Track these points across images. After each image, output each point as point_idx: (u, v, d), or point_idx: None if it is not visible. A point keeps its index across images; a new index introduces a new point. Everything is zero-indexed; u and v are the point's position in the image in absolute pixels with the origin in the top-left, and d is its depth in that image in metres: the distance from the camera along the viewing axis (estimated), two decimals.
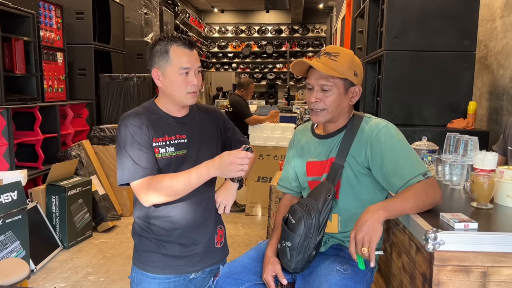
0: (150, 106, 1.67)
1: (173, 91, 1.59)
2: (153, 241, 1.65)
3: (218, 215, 1.77)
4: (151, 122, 1.59)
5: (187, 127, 1.67)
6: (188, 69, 1.58)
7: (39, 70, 4.21)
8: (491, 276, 1.29)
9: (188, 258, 1.66)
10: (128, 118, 1.58)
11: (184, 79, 1.58)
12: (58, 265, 3.50)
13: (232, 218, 4.85)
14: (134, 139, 1.54)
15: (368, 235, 1.37)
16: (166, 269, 1.65)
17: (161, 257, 1.64)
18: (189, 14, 11.13)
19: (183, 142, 1.64)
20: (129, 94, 5.30)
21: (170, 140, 1.61)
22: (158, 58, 1.58)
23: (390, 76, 3.19)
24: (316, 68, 1.58)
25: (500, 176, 1.59)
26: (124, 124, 1.57)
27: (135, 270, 1.69)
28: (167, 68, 1.58)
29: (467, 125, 3.03)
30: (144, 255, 1.66)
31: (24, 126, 4.17)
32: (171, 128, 1.63)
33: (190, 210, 1.63)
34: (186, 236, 1.65)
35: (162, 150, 1.59)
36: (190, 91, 1.59)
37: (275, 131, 5.01)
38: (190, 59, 1.58)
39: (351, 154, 1.60)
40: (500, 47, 3.37)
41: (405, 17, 3.13)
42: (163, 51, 1.57)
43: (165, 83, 1.59)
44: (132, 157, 1.54)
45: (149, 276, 1.65)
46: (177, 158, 1.62)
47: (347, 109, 1.66)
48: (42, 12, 4.38)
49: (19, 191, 3.09)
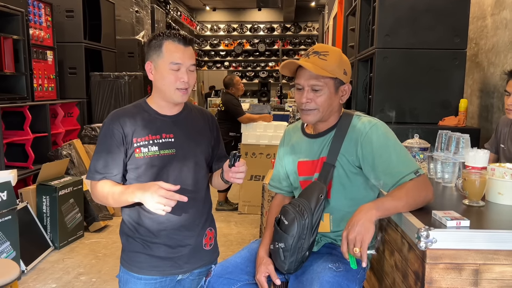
0: (141, 104, 1.67)
1: (163, 85, 1.59)
2: (139, 241, 1.64)
3: (209, 217, 1.76)
4: (133, 121, 1.60)
5: (176, 126, 1.65)
6: (178, 65, 1.57)
7: (29, 69, 4.17)
8: (483, 274, 1.29)
9: (174, 260, 1.65)
10: (109, 117, 1.63)
11: (174, 74, 1.57)
12: (49, 265, 3.46)
13: (224, 217, 4.84)
14: (105, 140, 1.60)
15: (360, 235, 1.36)
16: (151, 270, 1.63)
17: (147, 257, 1.63)
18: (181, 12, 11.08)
19: (169, 141, 1.62)
20: (120, 92, 5.26)
21: (153, 139, 1.60)
22: (152, 51, 1.60)
23: (381, 74, 3.19)
24: (307, 68, 1.56)
25: (492, 173, 1.60)
26: (104, 122, 1.64)
27: (122, 270, 1.68)
28: (159, 62, 1.58)
29: (459, 122, 3.04)
30: (130, 255, 1.65)
31: (13, 125, 4.13)
32: (158, 127, 1.62)
33: (177, 211, 1.60)
34: (172, 238, 1.64)
35: (144, 149, 1.59)
36: (179, 87, 1.58)
37: (268, 130, 5.01)
38: (182, 56, 1.57)
39: (342, 153, 1.59)
40: (491, 45, 3.39)
41: (396, 15, 3.13)
42: (158, 45, 1.58)
43: (156, 77, 1.60)
44: (95, 158, 1.61)
45: (135, 276, 1.64)
46: (162, 157, 1.60)
47: (337, 108, 1.65)
48: (32, 10, 4.33)
49: (8, 191, 3.06)
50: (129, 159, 1.60)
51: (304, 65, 1.56)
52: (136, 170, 1.60)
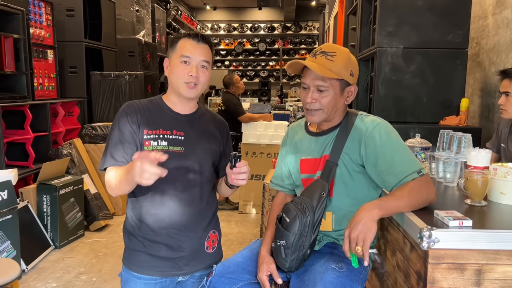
0: (156, 99, 1.70)
1: (172, 78, 1.62)
2: (141, 239, 1.62)
3: (213, 219, 1.74)
4: (147, 114, 1.61)
5: (188, 125, 1.65)
6: (188, 58, 1.58)
7: (29, 68, 4.16)
8: (485, 274, 1.29)
9: (175, 261, 1.63)
10: (125, 107, 1.63)
11: (183, 67, 1.58)
12: (49, 265, 3.46)
13: (225, 217, 4.84)
14: (122, 128, 1.58)
15: (362, 234, 1.36)
16: (151, 270, 1.62)
17: (147, 257, 1.62)
18: (181, 11, 11.06)
19: (179, 139, 1.62)
20: (121, 92, 5.26)
21: (164, 134, 1.60)
22: (170, 49, 1.65)
23: (383, 74, 3.18)
24: (312, 69, 1.55)
25: (494, 173, 1.59)
26: (119, 111, 1.63)
27: (124, 269, 1.68)
28: (172, 56, 1.62)
29: (460, 122, 3.04)
30: (131, 253, 1.64)
31: (14, 124, 4.13)
32: (169, 123, 1.63)
33: (178, 211, 1.59)
34: (172, 238, 1.62)
35: (153, 143, 1.59)
36: (187, 81, 1.58)
37: (268, 129, 5.00)
38: (192, 50, 1.59)
39: (345, 152, 1.58)
40: (492, 44, 3.38)
41: (397, 14, 3.12)
42: (174, 42, 1.63)
43: (169, 71, 1.63)
44: (112, 145, 1.57)
45: (135, 275, 1.63)
46: (170, 153, 1.57)
47: (342, 108, 1.65)
48: (32, 9, 4.33)
49: (9, 190, 3.06)
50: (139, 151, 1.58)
51: (310, 66, 1.56)
52: None
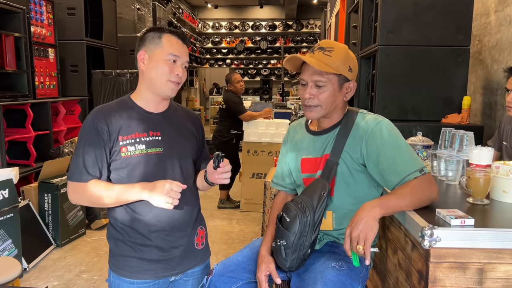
0: (125, 100, 1.61)
1: (156, 75, 1.55)
2: (130, 244, 1.57)
3: (199, 216, 1.72)
4: (118, 118, 1.54)
5: (163, 124, 1.61)
6: (176, 58, 1.55)
7: (30, 67, 4.15)
8: (487, 273, 1.28)
9: (167, 261, 1.60)
10: (92, 114, 1.55)
11: (170, 66, 1.55)
12: (51, 263, 3.46)
13: (226, 215, 4.83)
14: (91, 138, 1.52)
15: (363, 233, 1.35)
16: (144, 274, 1.57)
17: (138, 261, 1.57)
18: (183, 9, 11.05)
19: (156, 139, 1.57)
20: (122, 90, 5.24)
21: (140, 137, 1.54)
22: (149, 41, 1.57)
23: (384, 71, 3.17)
24: (310, 64, 1.55)
25: (496, 171, 1.58)
26: (87, 119, 1.55)
27: (112, 275, 1.61)
28: (155, 51, 1.55)
29: (462, 120, 3.02)
30: (120, 259, 1.58)
31: (15, 123, 4.12)
32: (144, 124, 1.57)
33: (166, 212, 1.55)
34: (164, 239, 1.58)
35: (130, 148, 1.52)
36: (172, 79, 1.55)
37: (270, 127, 4.99)
38: (181, 50, 1.57)
39: (346, 151, 1.57)
40: (494, 42, 3.36)
41: (399, 11, 3.11)
42: (156, 36, 1.57)
43: (150, 66, 1.56)
44: (81, 157, 1.52)
45: (127, 281, 1.58)
46: (149, 156, 1.55)
47: (341, 105, 1.64)
48: (33, 8, 4.32)
49: (10, 189, 3.06)
50: (114, 159, 1.53)
51: (307, 61, 1.55)
52: (122, 170, 1.53)
